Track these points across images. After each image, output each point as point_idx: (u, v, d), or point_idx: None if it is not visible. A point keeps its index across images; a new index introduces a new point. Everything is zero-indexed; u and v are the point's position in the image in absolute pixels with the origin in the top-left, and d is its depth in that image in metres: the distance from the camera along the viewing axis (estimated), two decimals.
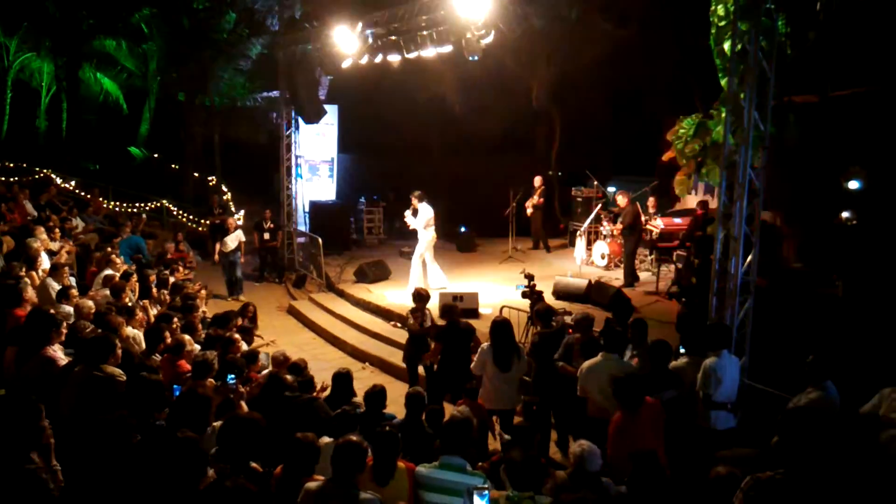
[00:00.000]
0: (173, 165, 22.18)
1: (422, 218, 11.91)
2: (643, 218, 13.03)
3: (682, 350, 6.57)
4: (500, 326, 6.83)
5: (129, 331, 7.07)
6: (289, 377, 5.91)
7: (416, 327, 8.39)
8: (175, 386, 5.48)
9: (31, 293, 7.26)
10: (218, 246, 13.57)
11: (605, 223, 13.96)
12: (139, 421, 4.24)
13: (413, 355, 8.50)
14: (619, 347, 6.32)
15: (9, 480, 3.14)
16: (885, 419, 5.05)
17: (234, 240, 13.34)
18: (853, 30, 10.38)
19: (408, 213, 12.13)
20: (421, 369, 8.58)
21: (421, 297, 8.59)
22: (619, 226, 12.86)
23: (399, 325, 10.06)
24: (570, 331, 7.10)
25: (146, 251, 12.39)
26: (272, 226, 14.78)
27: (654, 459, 4.00)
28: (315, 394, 6.15)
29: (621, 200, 12.82)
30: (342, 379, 6.12)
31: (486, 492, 3.65)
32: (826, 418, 3.60)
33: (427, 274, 12.20)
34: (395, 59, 11.81)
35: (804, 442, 3.47)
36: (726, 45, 9.06)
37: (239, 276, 13.56)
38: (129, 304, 8.15)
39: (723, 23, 9.74)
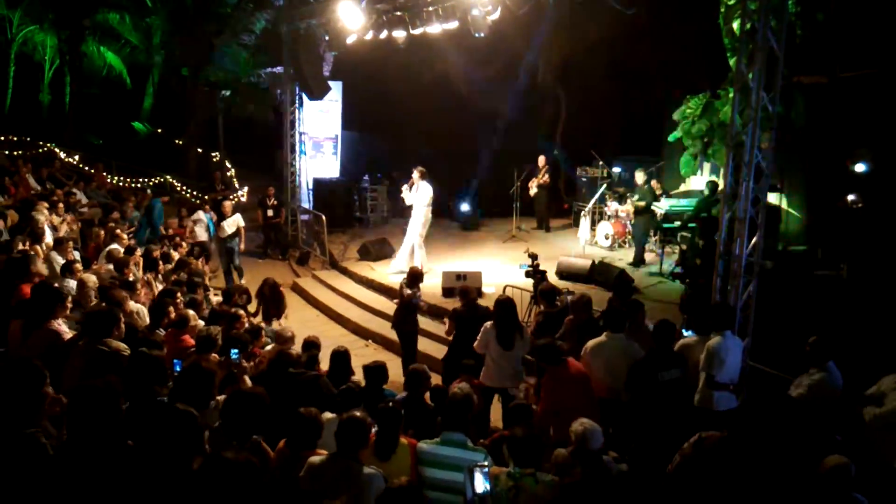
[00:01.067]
0: (177, 141, 22.12)
1: (421, 195, 11.85)
2: (657, 193, 13.01)
3: (685, 332, 6.58)
4: (504, 305, 6.84)
5: (133, 305, 7.09)
6: (293, 352, 5.93)
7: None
8: (175, 361, 5.48)
9: (40, 266, 7.30)
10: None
11: (609, 203, 13.92)
12: (140, 395, 4.25)
13: (401, 322, 8.73)
14: (622, 327, 6.33)
15: (8, 443, 3.16)
16: (874, 396, 5.13)
17: (231, 224, 12.35)
18: (863, 10, 10.26)
19: (405, 186, 12.07)
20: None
21: (416, 277, 8.80)
22: (640, 202, 12.73)
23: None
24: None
25: (156, 212, 12.35)
26: (275, 203, 14.74)
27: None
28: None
29: (639, 178, 12.79)
30: (340, 357, 6.11)
31: (487, 468, 3.67)
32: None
33: (399, 254, 12.20)
34: (400, 35, 11.72)
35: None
36: (735, 25, 8.97)
37: (237, 263, 12.53)
38: (133, 278, 8.17)
39: (732, 1, 9.62)
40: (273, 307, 9.20)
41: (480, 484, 3.53)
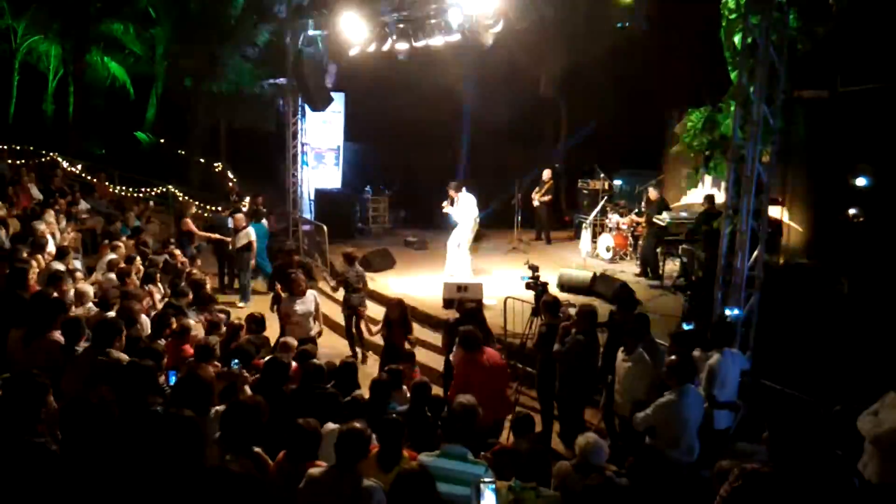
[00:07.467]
0: (179, 151, 22.15)
1: (464, 207, 11.96)
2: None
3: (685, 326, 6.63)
4: (469, 315, 6.89)
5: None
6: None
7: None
8: (171, 371, 5.46)
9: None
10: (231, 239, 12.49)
11: (610, 215, 13.95)
12: (132, 405, 4.23)
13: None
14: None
15: (17, 453, 3.14)
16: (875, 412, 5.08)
17: (243, 237, 12.01)
18: (865, 25, 10.29)
19: (446, 202, 12.17)
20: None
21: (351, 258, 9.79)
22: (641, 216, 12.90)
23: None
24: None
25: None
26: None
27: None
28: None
29: (653, 193, 12.93)
30: (346, 369, 6.09)
31: (494, 484, 3.65)
32: (815, 416, 3.67)
33: (449, 262, 12.23)
34: (402, 47, 11.77)
35: (793, 437, 3.56)
36: (736, 39, 8.99)
37: (246, 282, 12.24)
38: (134, 289, 8.17)
39: (733, 16, 9.66)
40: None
41: (490, 499, 3.49)
